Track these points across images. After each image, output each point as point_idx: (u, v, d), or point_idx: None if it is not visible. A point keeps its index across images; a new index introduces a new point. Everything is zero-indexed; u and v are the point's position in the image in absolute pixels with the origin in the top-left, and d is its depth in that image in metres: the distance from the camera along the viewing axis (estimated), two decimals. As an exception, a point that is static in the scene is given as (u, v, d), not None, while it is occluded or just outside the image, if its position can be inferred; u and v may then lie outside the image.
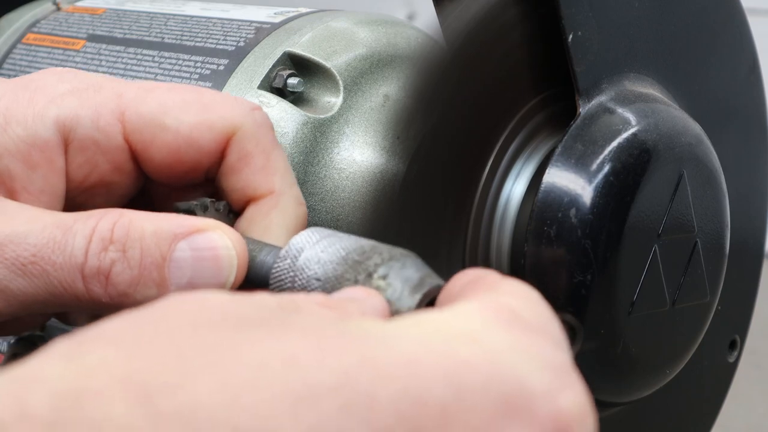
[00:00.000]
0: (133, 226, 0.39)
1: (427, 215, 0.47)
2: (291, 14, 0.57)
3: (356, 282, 0.37)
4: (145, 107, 0.42)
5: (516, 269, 0.49)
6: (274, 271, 0.39)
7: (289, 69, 0.53)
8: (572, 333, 0.34)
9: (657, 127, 0.50)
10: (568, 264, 0.47)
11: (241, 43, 0.55)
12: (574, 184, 0.48)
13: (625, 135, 0.49)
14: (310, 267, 0.38)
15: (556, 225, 0.48)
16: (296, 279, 0.38)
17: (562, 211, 0.47)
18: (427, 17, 0.48)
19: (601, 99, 0.50)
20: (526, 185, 0.50)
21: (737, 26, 0.59)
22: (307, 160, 0.51)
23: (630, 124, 0.49)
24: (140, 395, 0.24)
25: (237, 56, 0.54)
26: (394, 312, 0.35)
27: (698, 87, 0.57)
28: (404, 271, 0.36)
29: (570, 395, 0.28)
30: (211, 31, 0.57)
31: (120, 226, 0.39)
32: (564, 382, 0.29)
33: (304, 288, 0.38)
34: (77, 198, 0.43)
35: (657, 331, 0.52)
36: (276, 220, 0.42)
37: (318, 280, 0.38)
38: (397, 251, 0.37)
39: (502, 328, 0.29)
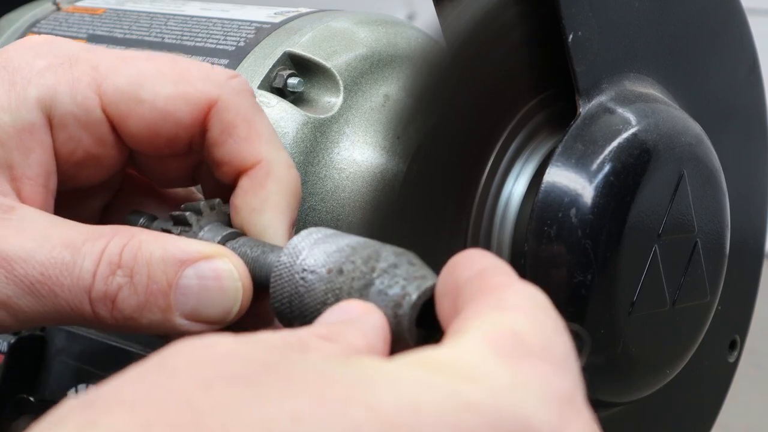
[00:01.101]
0: (142, 250, 0.39)
1: (427, 215, 0.47)
2: (291, 14, 0.57)
3: (354, 284, 0.37)
4: (121, 78, 0.42)
5: (516, 269, 0.49)
6: (274, 274, 0.39)
7: (290, 69, 0.53)
8: (580, 344, 0.33)
9: (657, 127, 0.50)
10: (568, 264, 0.47)
11: (242, 43, 0.55)
12: (575, 184, 0.48)
13: (625, 135, 0.49)
14: (309, 269, 0.38)
15: (556, 225, 0.48)
16: (296, 281, 0.38)
17: (563, 211, 0.47)
18: (427, 17, 0.48)
19: (601, 99, 0.50)
20: (527, 185, 0.50)
21: (737, 26, 0.59)
22: (308, 160, 0.51)
23: (630, 124, 0.49)
24: None
25: (237, 56, 0.54)
26: (393, 320, 0.35)
27: (698, 87, 0.57)
28: (403, 270, 0.36)
29: (576, 429, 0.28)
30: (211, 31, 0.57)
31: (129, 250, 0.39)
32: (569, 416, 0.28)
33: (304, 290, 0.38)
34: (68, 172, 0.43)
35: (657, 331, 0.52)
36: (272, 188, 0.42)
37: (319, 281, 0.37)
38: (397, 250, 0.37)
39: (503, 362, 0.29)
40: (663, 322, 0.52)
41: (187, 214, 0.42)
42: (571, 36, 0.49)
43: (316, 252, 0.38)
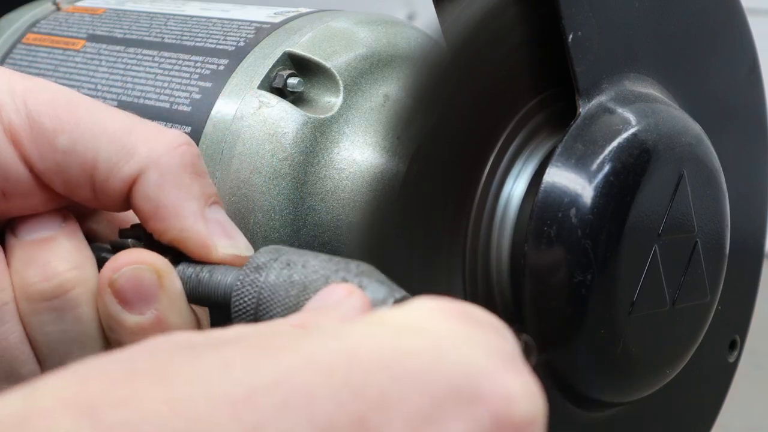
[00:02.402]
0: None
1: (427, 215, 0.47)
2: (291, 14, 0.57)
3: (314, 287, 0.37)
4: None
5: (516, 269, 0.49)
6: (236, 289, 0.38)
7: (289, 69, 0.53)
8: (527, 350, 0.34)
9: (657, 127, 0.50)
10: (568, 264, 0.47)
11: (241, 43, 0.55)
12: (575, 184, 0.48)
13: (625, 135, 0.49)
14: (271, 284, 0.38)
15: (556, 225, 0.47)
16: (261, 295, 0.38)
17: (563, 211, 0.47)
18: (427, 17, 0.48)
19: (601, 99, 0.50)
20: (526, 185, 0.50)
21: (737, 26, 0.59)
22: (307, 160, 0.51)
23: (630, 124, 0.49)
24: (87, 410, 0.24)
25: (237, 56, 0.54)
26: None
27: (698, 87, 0.57)
28: (373, 282, 0.36)
29: (517, 377, 0.28)
30: (211, 31, 0.57)
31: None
32: (511, 366, 0.28)
33: (273, 303, 0.38)
34: None
35: (657, 331, 0.52)
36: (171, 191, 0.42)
37: (285, 297, 0.37)
38: (363, 266, 0.37)
39: (446, 319, 0.29)
40: (663, 322, 0.52)
41: (128, 240, 0.42)
42: (571, 36, 0.49)
43: (281, 269, 0.38)
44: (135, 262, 0.40)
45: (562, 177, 0.48)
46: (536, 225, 0.48)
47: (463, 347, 0.28)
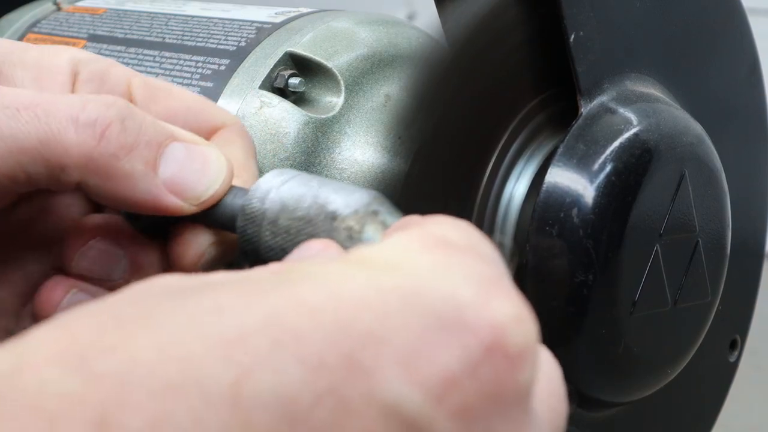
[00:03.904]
0: (136, 111, 0.39)
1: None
2: (292, 14, 0.57)
3: (323, 222, 0.37)
4: (154, 80, 0.44)
5: (518, 269, 0.49)
6: (244, 211, 0.39)
7: (291, 69, 0.53)
8: (506, 252, 0.34)
9: (658, 126, 0.50)
10: (570, 264, 0.47)
11: (243, 43, 0.55)
12: (576, 183, 0.48)
13: (626, 135, 0.49)
14: (279, 207, 0.38)
15: (558, 225, 0.47)
16: (265, 219, 0.38)
17: (564, 211, 0.47)
18: (427, 17, 0.48)
19: (602, 99, 0.50)
20: (528, 185, 0.50)
21: (738, 26, 0.59)
22: (309, 161, 0.51)
23: (631, 123, 0.49)
24: (76, 361, 0.24)
25: (238, 56, 0.54)
26: (362, 241, 0.36)
27: (699, 87, 0.57)
28: (368, 209, 0.37)
29: (503, 301, 0.28)
30: (212, 31, 0.57)
31: (123, 102, 0.39)
32: (495, 291, 0.28)
33: (274, 227, 0.38)
34: None
35: (658, 331, 0.52)
36: (237, 143, 0.43)
37: (289, 219, 0.38)
38: (362, 190, 0.38)
39: (424, 252, 0.29)
40: (664, 322, 0.52)
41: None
42: (572, 36, 0.49)
43: (284, 192, 0.38)
44: None
45: (564, 177, 0.48)
46: (538, 225, 0.48)
47: (443, 278, 0.28)
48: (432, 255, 0.29)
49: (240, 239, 0.39)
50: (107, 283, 0.43)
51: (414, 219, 0.34)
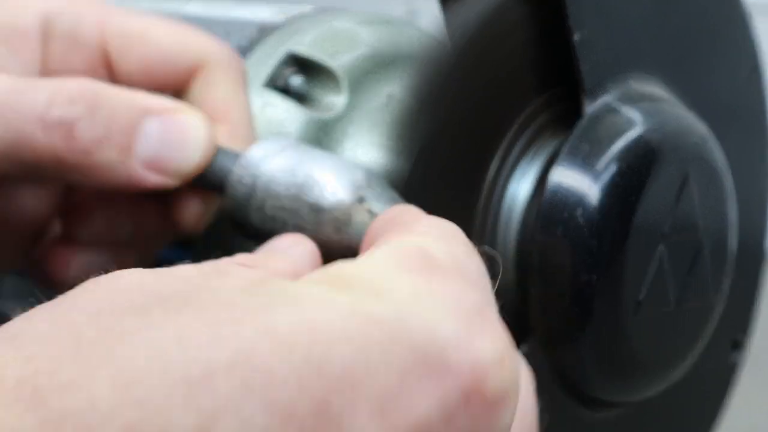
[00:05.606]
0: (104, 90, 0.39)
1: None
2: (294, 14, 0.57)
3: (308, 215, 0.37)
4: (128, 23, 0.43)
5: (522, 269, 0.49)
6: (234, 175, 0.39)
7: (293, 69, 0.53)
8: (493, 267, 0.33)
9: (663, 126, 0.50)
10: (574, 264, 0.47)
11: (244, 43, 0.55)
12: (581, 183, 0.48)
13: (631, 135, 0.49)
14: (270, 175, 0.38)
15: (562, 225, 0.47)
16: (256, 186, 0.38)
17: (569, 210, 0.47)
18: (429, 17, 0.48)
19: (606, 98, 0.50)
20: (532, 185, 0.49)
21: (740, 26, 0.59)
22: (311, 160, 0.51)
23: (636, 123, 0.49)
24: (34, 398, 0.23)
25: (240, 56, 0.54)
26: (349, 233, 0.36)
27: (701, 87, 0.57)
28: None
29: (485, 340, 0.27)
30: (213, 31, 0.57)
31: (89, 89, 0.38)
32: (477, 327, 0.27)
33: (261, 213, 0.38)
34: None
35: (662, 331, 0.52)
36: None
37: (275, 207, 0.38)
38: (351, 169, 0.37)
39: (406, 275, 0.28)
40: (668, 322, 0.52)
41: None
42: (576, 35, 0.48)
43: (278, 161, 0.38)
44: None
45: (568, 177, 0.48)
46: (542, 225, 0.48)
47: (426, 310, 0.27)
48: (413, 279, 0.28)
49: (230, 217, 0.39)
50: (114, 247, 0.43)
51: (400, 218, 0.33)
